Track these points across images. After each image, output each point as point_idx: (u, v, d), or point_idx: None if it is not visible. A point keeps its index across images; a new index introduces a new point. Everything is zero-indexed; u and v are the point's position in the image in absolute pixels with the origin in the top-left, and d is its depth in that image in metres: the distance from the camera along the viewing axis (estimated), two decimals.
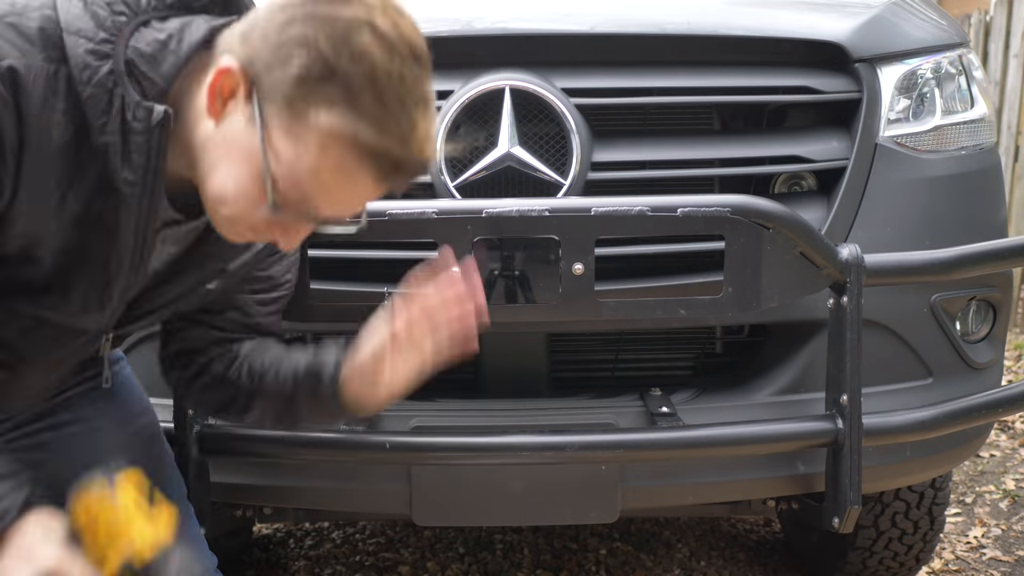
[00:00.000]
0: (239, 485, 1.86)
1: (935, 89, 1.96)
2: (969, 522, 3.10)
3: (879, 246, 1.79)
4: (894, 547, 2.39)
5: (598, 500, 1.83)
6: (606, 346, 2.02)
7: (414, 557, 2.84)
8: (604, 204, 1.60)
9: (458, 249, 1.58)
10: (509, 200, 1.61)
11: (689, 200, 1.62)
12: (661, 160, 1.83)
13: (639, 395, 1.89)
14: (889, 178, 1.87)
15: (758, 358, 1.94)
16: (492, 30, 1.82)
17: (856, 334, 1.69)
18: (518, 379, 1.92)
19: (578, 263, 1.60)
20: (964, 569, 2.79)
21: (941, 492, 2.31)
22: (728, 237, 1.62)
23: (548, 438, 1.72)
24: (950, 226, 1.89)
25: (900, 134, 1.90)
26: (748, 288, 1.65)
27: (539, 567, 2.76)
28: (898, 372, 1.88)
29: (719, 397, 1.90)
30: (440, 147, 1.75)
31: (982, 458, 3.61)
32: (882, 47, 1.90)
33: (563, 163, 1.77)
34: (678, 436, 1.73)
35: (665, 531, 3.03)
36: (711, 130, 1.96)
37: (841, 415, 1.71)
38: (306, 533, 3.07)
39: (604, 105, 1.82)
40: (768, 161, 1.86)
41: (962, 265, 1.77)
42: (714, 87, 1.85)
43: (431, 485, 1.81)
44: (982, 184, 1.98)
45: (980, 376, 1.95)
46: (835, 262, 1.67)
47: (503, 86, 1.75)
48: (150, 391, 1.85)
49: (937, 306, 1.88)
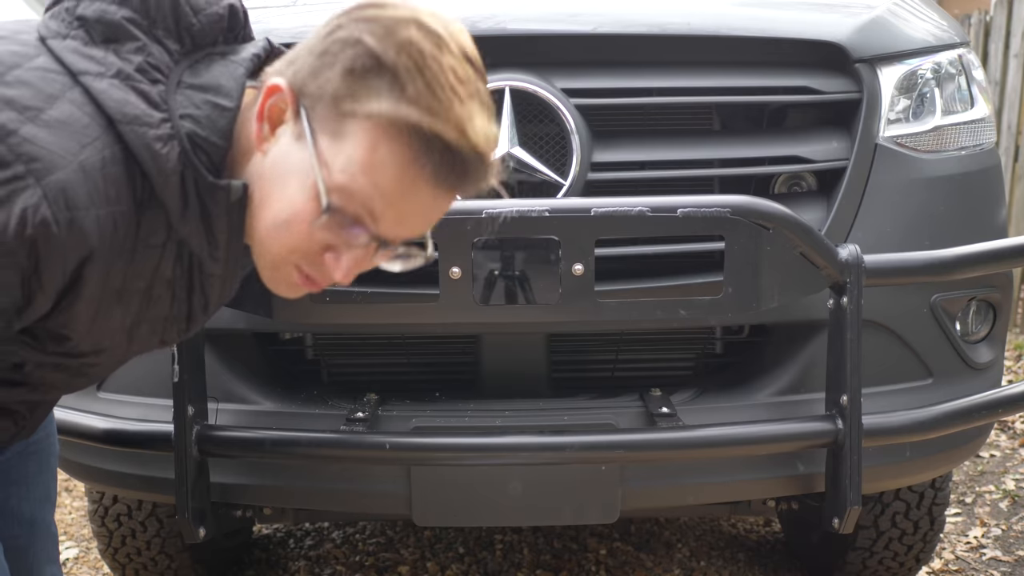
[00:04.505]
0: (239, 485, 1.86)
1: (935, 89, 1.96)
2: (969, 522, 3.10)
3: (879, 246, 1.79)
4: (894, 547, 2.39)
5: (598, 500, 1.83)
6: (606, 346, 2.01)
7: (414, 557, 2.84)
8: (604, 204, 1.60)
9: (458, 249, 1.59)
10: (509, 200, 1.61)
11: (689, 200, 1.62)
12: (661, 160, 1.83)
13: (639, 395, 1.89)
14: (889, 178, 1.87)
15: (758, 358, 1.94)
16: (492, 30, 1.82)
17: (856, 334, 1.69)
18: (518, 379, 1.92)
19: (578, 263, 1.60)
20: (964, 569, 2.79)
21: (941, 492, 2.31)
22: (728, 237, 1.62)
23: (548, 438, 1.72)
24: (950, 226, 1.89)
25: (900, 134, 1.90)
26: (748, 288, 1.65)
27: (539, 567, 2.76)
28: (898, 372, 1.88)
29: (719, 397, 1.89)
30: None
31: (982, 458, 3.61)
32: (882, 47, 1.90)
33: (563, 163, 1.77)
34: (678, 436, 1.73)
35: (665, 531, 3.03)
36: (711, 130, 1.96)
37: (841, 415, 1.71)
38: (306, 533, 3.07)
39: (604, 105, 1.82)
40: (768, 161, 1.86)
41: (962, 265, 1.77)
42: (714, 87, 1.85)
43: (431, 485, 1.81)
44: (982, 184, 1.98)
45: (980, 376, 1.95)
46: (835, 262, 1.67)
47: (503, 86, 1.75)
48: (149, 391, 1.86)
49: (937, 306, 1.88)
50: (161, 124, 1.07)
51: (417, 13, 1.06)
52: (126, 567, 2.51)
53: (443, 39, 1.05)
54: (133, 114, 1.05)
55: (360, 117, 1.04)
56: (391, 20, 1.05)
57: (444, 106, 1.03)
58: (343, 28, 1.07)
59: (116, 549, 2.46)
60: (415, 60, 1.03)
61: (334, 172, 1.05)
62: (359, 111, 1.03)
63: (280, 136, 1.09)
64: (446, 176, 1.06)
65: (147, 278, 1.14)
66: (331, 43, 1.06)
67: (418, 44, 1.03)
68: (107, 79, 1.06)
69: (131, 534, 2.41)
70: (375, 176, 1.04)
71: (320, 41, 1.08)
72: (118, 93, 1.06)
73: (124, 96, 1.06)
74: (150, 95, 1.07)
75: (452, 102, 1.03)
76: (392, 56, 1.03)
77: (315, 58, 1.07)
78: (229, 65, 1.15)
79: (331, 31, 1.08)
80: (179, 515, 1.74)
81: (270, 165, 1.10)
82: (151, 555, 2.46)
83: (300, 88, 1.07)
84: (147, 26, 1.12)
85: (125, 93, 1.06)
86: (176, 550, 2.46)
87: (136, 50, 1.10)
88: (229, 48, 1.19)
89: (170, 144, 1.07)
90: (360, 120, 1.04)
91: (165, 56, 1.12)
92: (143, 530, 2.40)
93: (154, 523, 2.39)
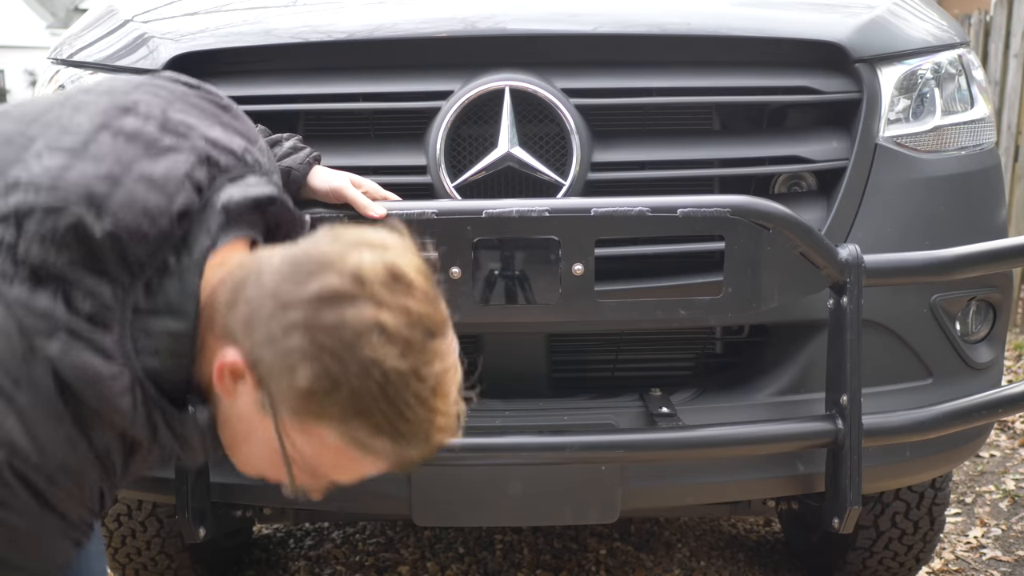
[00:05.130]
0: (239, 485, 1.86)
1: (935, 89, 1.96)
2: (969, 522, 3.10)
3: (879, 246, 1.79)
4: (894, 547, 2.39)
5: (598, 500, 1.83)
6: (606, 346, 2.01)
7: (414, 557, 2.84)
8: (604, 204, 1.60)
9: (458, 249, 1.59)
10: (509, 200, 1.61)
11: (689, 200, 1.62)
12: (661, 160, 1.83)
13: (639, 395, 1.89)
14: (889, 178, 1.86)
15: (758, 358, 1.94)
16: (492, 30, 1.82)
17: (856, 334, 1.69)
18: (518, 379, 1.91)
19: (578, 263, 1.60)
20: (964, 569, 2.79)
21: (941, 492, 2.31)
22: (728, 237, 1.62)
23: (548, 438, 1.72)
24: (950, 226, 1.89)
25: (900, 134, 1.90)
26: (748, 288, 1.65)
27: (539, 567, 2.76)
28: (898, 372, 1.88)
29: (719, 397, 1.89)
30: (441, 148, 1.75)
31: (982, 458, 3.61)
32: (882, 47, 1.90)
33: (563, 163, 1.77)
34: (678, 436, 1.73)
35: (665, 531, 3.03)
36: (711, 130, 1.96)
37: (841, 415, 1.71)
38: (306, 533, 3.07)
39: (604, 105, 1.82)
40: (768, 161, 1.86)
41: (962, 265, 1.77)
42: (714, 87, 1.85)
43: (431, 485, 1.81)
44: (982, 184, 1.98)
45: (980, 376, 1.95)
46: (835, 262, 1.67)
47: (503, 86, 1.75)
48: None
49: (937, 306, 1.88)
50: (120, 376, 1.06)
51: (379, 310, 1.02)
52: (126, 567, 2.51)
53: (408, 340, 1.03)
54: (91, 376, 1.04)
55: (325, 432, 1.05)
56: (352, 334, 1.01)
57: (408, 424, 1.04)
58: (300, 331, 1.02)
59: (116, 549, 2.45)
60: (378, 384, 1.01)
61: (300, 458, 1.09)
62: (324, 428, 1.05)
63: (242, 392, 1.09)
64: (405, 466, 1.10)
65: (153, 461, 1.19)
66: (292, 348, 1.02)
67: (381, 363, 1.01)
68: (58, 339, 1.03)
69: (131, 534, 2.41)
70: (339, 468, 1.10)
71: (280, 336, 1.03)
72: (72, 358, 1.03)
73: (79, 358, 1.04)
74: (104, 347, 1.05)
75: (416, 417, 1.04)
76: (354, 381, 1.01)
77: (275, 357, 1.04)
78: (184, 276, 1.11)
79: (290, 328, 1.03)
80: (179, 515, 1.74)
81: (237, 416, 1.11)
82: (151, 555, 2.46)
83: (261, 377, 1.06)
84: (94, 267, 1.07)
85: (79, 352, 1.04)
86: (176, 550, 2.46)
87: (84, 296, 1.05)
88: (183, 249, 1.13)
89: (132, 391, 1.07)
90: (325, 435, 1.05)
91: (115, 289, 1.07)
92: (143, 530, 2.40)
93: (154, 523, 2.39)
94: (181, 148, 1.16)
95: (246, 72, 1.85)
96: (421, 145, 1.79)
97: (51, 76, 2.04)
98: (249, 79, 1.83)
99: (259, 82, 1.83)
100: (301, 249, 1.08)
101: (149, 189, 1.10)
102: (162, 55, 1.81)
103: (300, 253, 1.08)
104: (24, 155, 1.10)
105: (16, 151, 1.11)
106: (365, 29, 1.84)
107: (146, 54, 1.85)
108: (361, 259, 1.04)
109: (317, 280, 1.03)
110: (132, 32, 1.92)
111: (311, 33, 1.84)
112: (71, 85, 1.96)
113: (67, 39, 2.10)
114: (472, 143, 1.79)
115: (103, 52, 1.95)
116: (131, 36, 1.91)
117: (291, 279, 1.05)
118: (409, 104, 1.82)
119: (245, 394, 1.08)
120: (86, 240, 1.05)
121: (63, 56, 2.03)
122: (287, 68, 1.85)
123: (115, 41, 1.94)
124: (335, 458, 1.08)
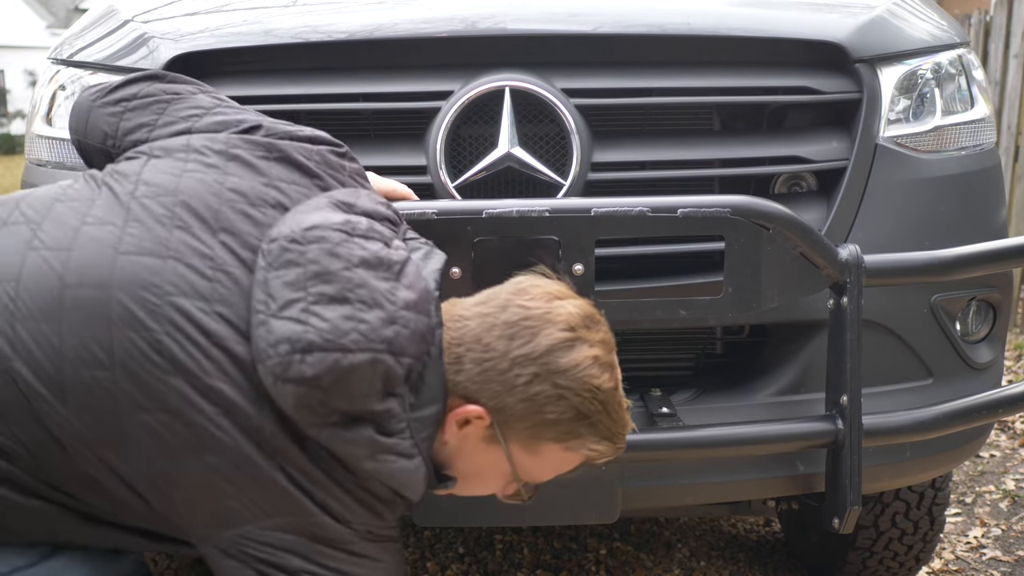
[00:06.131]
0: None
1: (935, 89, 1.96)
2: (969, 522, 3.10)
3: (879, 246, 1.79)
4: (894, 547, 2.39)
5: (598, 500, 1.83)
6: None
7: (414, 557, 2.84)
8: (604, 204, 1.60)
9: (458, 249, 1.59)
10: (509, 200, 1.61)
11: (689, 200, 1.62)
12: (661, 160, 1.83)
13: (639, 395, 1.89)
14: (889, 178, 1.87)
15: (758, 358, 1.94)
16: (492, 30, 1.82)
17: (856, 334, 1.69)
18: None
19: (578, 263, 1.60)
20: (964, 569, 2.79)
21: (941, 492, 2.31)
22: (728, 238, 1.63)
23: None
24: (950, 226, 1.89)
25: (900, 134, 1.90)
26: (748, 288, 1.65)
27: (539, 567, 2.76)
28: (898, 372, 1.88)
29: (719, 397, 1.89)
30: (441, 148, 1.75)
31: (982, 458, 3.61)
32: (882, 47, 1.90)
33: (563, 163, 1.77)
34: (678, 436, 1.73)
35: (665, 531, 3.03)
36: (711, 130, 1.96)
37: (841, 415, 1.71)
38: None
39: (604, 105, 1.82)
40: (768, 161, 1.86)
41: (962, 265, 1.77)
42: (714, 87, 1.85)
43: None
44: (982, 184, 1.98)
45: (980, 376, 1.95)
46: (835, 262, 1.67)
47: (503, 86, 1.75)
48: None
49: (937, 306, 1.88)
50: (420, 467, 1.28)
51: (593, 347, 1.29)
52: None
53: (610, 364, 1.32)
54: (404, 479, 1.27)
55: (559, 448, 1.31)
56: (583, 372, 1.27)
57: (619, 427, 1.33)
58: (543, 380, 1.26)
59: None
60: (603, 403, 1.29)
61: (525, 475, 1.36)
62: (560, 446, 1.31)
63: (469, 432, 1.31)
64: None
65: None
66: (537, 395, 1.27)
67: (603, 388, 1.29)
68: (405, 459, 1.27)
69: None
70: (556, 468, 1.37)
71: (522, 388, 1.27)
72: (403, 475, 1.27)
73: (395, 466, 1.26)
74: (410, 452, 1.27)
75: (624, 422, 1.34)
76: (591, 407, 1.28)
77: (521, 404, 1.27)
78: (439, 365, 1.29)
79: (532, 379, 1.26)
80: None
81: (468, 452, 1.34)
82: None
83: (503, 421, 1.29)
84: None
85: (406, 463, 1.27)
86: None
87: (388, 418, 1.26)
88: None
89: (421, 472, 1.29)
90: (558, 450, 1.32)
91: (401, 403, 1.27)
92: None
93: None
94: (395, 244, 1.35)
95: (246, 72, 1.85)
96: (421, 145, 1.79)
97: (51, 76, 2.04)
98: (249, 79, 1.83)
99: (259, 82, 1.83)
100: (510, 313, 1.30)
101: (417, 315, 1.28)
102: (162, 55, 1.81)
103: (512, 317, 1.29)
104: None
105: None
106: (365, 29, 1.84)
107: (146, 54, 1.85)
108: (566, 310, 1.30)
109: (543, 337, 1.27)
110: (132, 32, 1.92)
111: (311, 33, 1.84)
112: (71, 85, 1.96)
113: (67, 39, 2.10)
114: (472, 143, 1.79)
115: (103, 52, 1.95)
116: (131, 36, 1.91)
117: (518, 339, 1.28)
118: (409, 104, 1.82)
119: (472, 435, 1.31)
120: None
121: (63, 56, 2.03)
122: (287, 68, 1.85)
123: (115, 41, 1.95)
124: (555, 465, 1.35)
